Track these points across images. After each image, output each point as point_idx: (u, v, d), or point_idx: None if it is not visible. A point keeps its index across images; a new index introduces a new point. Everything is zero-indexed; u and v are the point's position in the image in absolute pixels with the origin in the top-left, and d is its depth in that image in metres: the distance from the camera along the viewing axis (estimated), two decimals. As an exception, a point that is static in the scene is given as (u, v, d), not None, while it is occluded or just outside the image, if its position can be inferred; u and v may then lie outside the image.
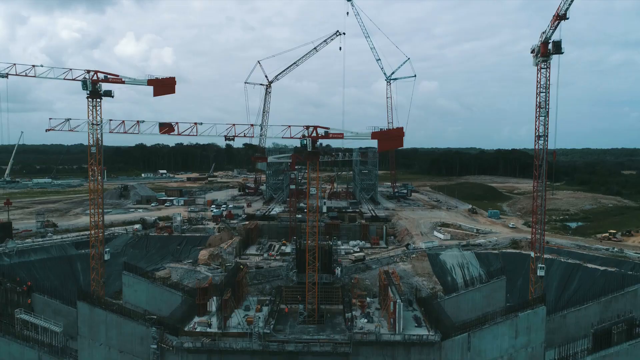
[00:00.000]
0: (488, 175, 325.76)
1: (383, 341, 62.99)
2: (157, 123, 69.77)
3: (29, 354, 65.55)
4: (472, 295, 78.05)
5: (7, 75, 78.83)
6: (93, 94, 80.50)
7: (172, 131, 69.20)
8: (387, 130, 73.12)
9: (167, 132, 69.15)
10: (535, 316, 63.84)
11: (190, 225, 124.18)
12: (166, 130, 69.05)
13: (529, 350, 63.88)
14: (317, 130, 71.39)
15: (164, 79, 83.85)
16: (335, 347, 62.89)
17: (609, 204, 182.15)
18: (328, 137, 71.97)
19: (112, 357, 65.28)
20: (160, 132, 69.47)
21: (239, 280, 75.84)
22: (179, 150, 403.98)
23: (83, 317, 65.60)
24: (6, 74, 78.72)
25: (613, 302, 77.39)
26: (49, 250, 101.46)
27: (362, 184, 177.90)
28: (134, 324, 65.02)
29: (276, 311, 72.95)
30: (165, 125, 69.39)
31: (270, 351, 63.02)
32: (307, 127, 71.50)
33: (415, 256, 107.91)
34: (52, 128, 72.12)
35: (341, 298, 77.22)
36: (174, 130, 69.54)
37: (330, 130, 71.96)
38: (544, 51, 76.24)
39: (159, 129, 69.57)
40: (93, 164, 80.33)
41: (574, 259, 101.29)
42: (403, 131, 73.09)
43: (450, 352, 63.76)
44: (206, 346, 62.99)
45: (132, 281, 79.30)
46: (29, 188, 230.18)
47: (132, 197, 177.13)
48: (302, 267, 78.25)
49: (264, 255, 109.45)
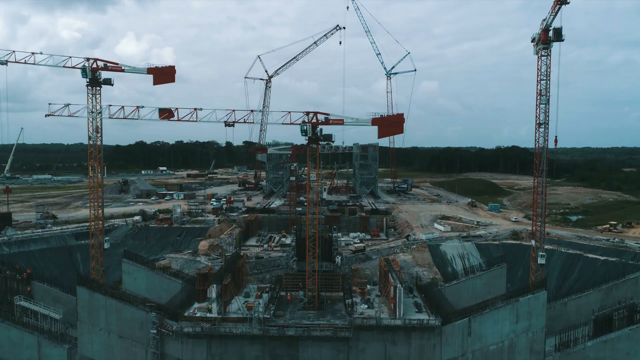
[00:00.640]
0: (488, 172, 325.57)
1: (383, 325, 62.83)
2: (157, 108, 69.58)
3: (29, 339, 65.26)
4: (472, 282, 77.89)
5: (6, 62, 78.64)
6: (92, 81, 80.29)
7: (171, 117, 69.00)
8: (387, 117, 73.02)
9: (166, 118, 68.95)
10: (536, 301, 63.63)
11: (190, 218, 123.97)
12: (166, 115, 68.88)
13: (529, 335, 63.68)
14: (317, 116, 71.22)
15: (164, 67, 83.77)
16: (336, 331, 62.73)
17: (609, 198, 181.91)
18: (328, 123, 71.65)
19: (111, 342, 65.17)
20: (160, 118, 69.26)
21: (239, 267, 75.67)
22: (179, 147, 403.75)
23: (82, 302, 65.47)
24: (5, 61, 78.53)
25: (614, 290, 77.23)
26: (49, 240, 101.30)
27: (362, 178, 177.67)
28: (134, 309, 64.90)
29: (276, 297, 72.77)
30: (165, 111, 69.24)
31: (270, 336, 62.92)
32: (307, 113, 71.36)
33: (416, 247, 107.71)
34: (51, 113, 71.97)
35: (341, 285, 77.03)
36: (173, 115, 69.35)
37: (331, 116, 71.79)
38: (545, 38, 75.96)
39: (159, 114, 69.41)
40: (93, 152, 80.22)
41: (575, 250, 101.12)
42: (403, 117, 72.96)
43: (451, 337, 63.62)
44: (206, 331, 62.84)
45: (131, 269, 79.19)
46: (29, 184, 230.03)
47: (132, 191, 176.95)
48: (303, 256, 78.03)
49: (264, 246, 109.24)
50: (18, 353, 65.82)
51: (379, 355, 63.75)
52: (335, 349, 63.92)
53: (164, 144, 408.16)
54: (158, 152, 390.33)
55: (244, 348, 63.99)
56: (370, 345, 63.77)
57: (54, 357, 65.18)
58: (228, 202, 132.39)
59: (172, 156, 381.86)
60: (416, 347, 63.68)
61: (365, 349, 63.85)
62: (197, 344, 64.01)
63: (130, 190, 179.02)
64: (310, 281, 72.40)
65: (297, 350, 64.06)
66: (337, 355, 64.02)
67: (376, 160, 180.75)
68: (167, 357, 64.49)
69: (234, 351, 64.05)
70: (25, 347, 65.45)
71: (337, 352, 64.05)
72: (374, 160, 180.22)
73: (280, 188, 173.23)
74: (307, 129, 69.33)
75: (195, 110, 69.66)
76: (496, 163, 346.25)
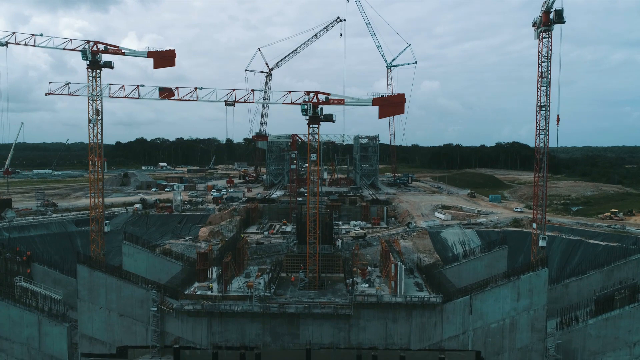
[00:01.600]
0: (489, 168, 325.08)
1: (384, 303, 62.64)
2: (157, 87, 69.46)
3: (29, 317, 65.08)
4: (473, 264, 77.70)
5: (6, 43, 78.71)
6: (93, 64, 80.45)
7: (172, 96, 68.88)
8: (388, 97, 72.82)
9: (167, 97, 68.81)
10: (537, 278, 63.36)
11: (191, 206, 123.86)
12: (166, 95, 68.75)
13: (531, 313, 63.39)
14: (317, 95, 71.15)
15: (164, 51, 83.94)
16: (336, 309, 62.57)
17: (610, 190, 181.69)
18: (329, 102, 71.57)
19: (112, 321, 64.96)
20: (160, 97, 69.10)
21: (240, 248, 75.48)
22: (180, 144, 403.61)
23: (83, 280, 65.27)
24: (6, 43, 78.56)
25: (615, 271, 76.98)
26: (49, 226, 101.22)
27: (362, 170, 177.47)
28: (134, 287, 64.74)
29: (277, 278, 72.59)
30: (165, 90, 69.12)
31: (270, 313, 62.73)
32: (308, 93, 71.27)
33: (416, 234, 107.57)
34: (51, 92, 71.86)
35: (342, 267, 76.90)
36: (174, 95, 69.23)
37: (331, 95, 71.73)
38: (546, 20, 75.90)
39: (159, 94, 69.26)
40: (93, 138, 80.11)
41: (576, 236, 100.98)
42: (404, 97, 72.82)
43: (452, 315, 63.42)
44: (206, 308, 62.67)
45: (132, 251, 78.93)
46: (29, 178, 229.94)
47: (132, 183, 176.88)
48: (303, 239, 77.92)
49: (265, 233, 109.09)
50: (18, 332, 65.68)
51: (379, 334, 63.57)
52: (336, 327, 63.75)
53: (164, 140, 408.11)
54: (158, 149, 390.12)
55: (244, 326, 63.81)
56: (371, 323, 63.59)
57: (54, 336, 65.00)
58: (229, 182, 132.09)
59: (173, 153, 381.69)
60: (417, 325, 63.51)
61: (366, 327, 63.68)
62: (197, 322, 63.86)
63: (131, 182, 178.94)
64: (311, 262, 72.24)
65: (297, 329, 63.90)
66: (337, 334, 63.84)
67: (376, 152, 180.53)
68: (168, 335, 64.32)
69: (235, 329, 63.88)
70: (25, 325, 65.30)
71: (338, 330, 63.86)
72: (374, 152, 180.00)
73: (281, 180, 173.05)
74: (308, 108, 69.24)
75: (196, 89, 69.55)
76: (497, 159, 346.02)
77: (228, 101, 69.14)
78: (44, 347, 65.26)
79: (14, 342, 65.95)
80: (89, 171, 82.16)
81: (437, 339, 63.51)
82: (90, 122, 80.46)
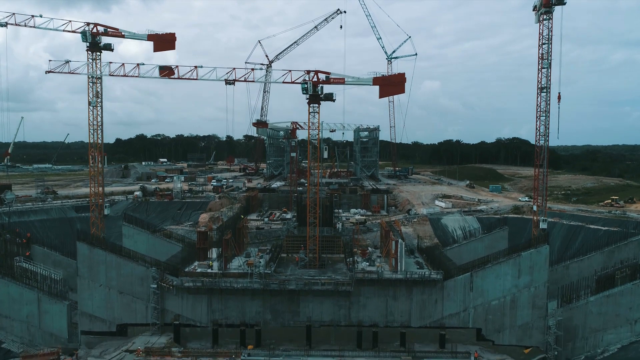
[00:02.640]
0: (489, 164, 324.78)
1: (385, 279, 62.57)
2: (157, 66, 69.30)
3: (28, 295, 65.05)
4: (474, 245, 77.82)
5: (6, 24, 78.53)
6: (93, 46, 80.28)
7: (172, 74, 68.79)
8: (388, 76, 72.83)
9: (167, 76, 68.74)
10: (538, 255, 63.26)
11: (191, 195, 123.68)
12: (166, 73, 68.67)
13: (531, 290, 63.31)
14: (318, 74, 71.03)
15: (164, 34, 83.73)
16: (337, 286, 62.44)
17: (610, 182, 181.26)
18: (329, 82, 71.46)
19: (111, 298, 64.89)
20: (160, 75, 69.08)
21: (240, 228, 75.33)
22: (180, 141, 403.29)
23: (82, 257, 65.17)
24: (5, 23, 78.41)
25: (616, 252, 76.79)
26: (49, 212, 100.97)
27: (362, 162, 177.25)
28: (134, 265, 64.69)
29: (277, 257, 72.46)
30: (165, 69, 69.03)
31: (270, 290, 62.65)
32: (308, 72, 71.17)
33: (417, 220, 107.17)
34: (51, 70, 71.74)
35: (342, 248, 76.77)
36: (174, 73, 69.14)
37: (332, 75, 71.62)
38: (547, 1, 75.72)
39: (159, 72, 69.22)
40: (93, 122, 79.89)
41: (576, 222, 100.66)
42: (405, 77, 72.71)
43: (453, 292, 63.37)
44: (207, 285, 62.57)
45: (132, 232, 79.01)
46: (29, 172, 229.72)
47: (132, 175, 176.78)
48: (303, 222, 77.84)
49: (265, 219, 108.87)
50: (18, 309, 65.66)
51: (380, 311, 63.52)
52: (337, 304, 63.68)
53: (164, 137, 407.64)
54: (158, 145, 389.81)
55: (244, 304, 63.75)
56: (371, 301, 63.51)
57: (54, 313, 65.02)
58: (228, 162, 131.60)
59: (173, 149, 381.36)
60: (417, 302, 63.45)
61: (366, 304, 63.60)
62: (197, 300, 63.80)
63: (131, 174, 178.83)
64: (311, 242, 72.10)
65: (297, 306, 63.84)
66: (338, 311, 63.78)
67: (377, 144, 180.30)
68: (168, 312, 64.27)
69: (235, 307, 63.83)
70: (25, 303, 65.28)
71: (338, 308, 63.81)
72: (374, 143, 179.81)
73: (281, 171, 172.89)
74: (308, 87, 69.12)
75: (196, 67, 69.47)
76: (497, 155, 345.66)
77: (228, 80, 69.11)
78: (43, 324, 65.26)
79: (14, 320, 65.94)
80: (89, 165, 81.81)
81: (437, 317, 63.45)
82: (90, 105, 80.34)
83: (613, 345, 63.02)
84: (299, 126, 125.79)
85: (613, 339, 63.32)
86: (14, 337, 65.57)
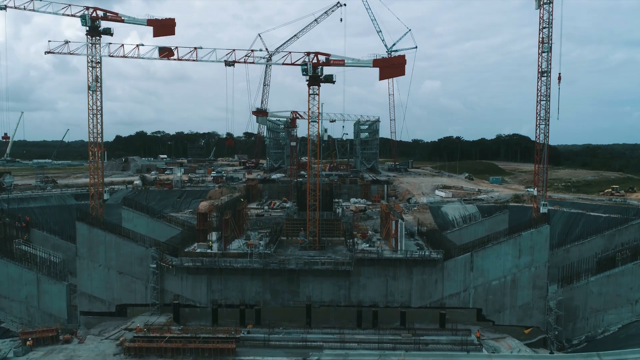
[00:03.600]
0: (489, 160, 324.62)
1: (385, 259, 62.35)
2: (157, 47, 69.14)
3: (27, 275, 64.78)
4: (474, 228, 77.65)
5: (5, 7, 78.38)
6: (92, 30, 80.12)
7: (171, 55, 68.65)
8: (389, 58, 72.76)
9: (166, 57, 68.59)
10: (538, 235, 63.00)
11: (191, 184, 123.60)
12: (166, 54, 68.53)
13: (532, 270, 63.02)
14: (318, 56, 70.83)
15: (164, 19, 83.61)
16: (337, 265, 62.20)
17: (611, 176, 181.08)
18: (329, 63, 71.28)
19: (111, 279, 64.57)
20: (159, 56, 68.92)
21: (240, 211, 75.16)
22: (180, 138, 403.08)
23: (82, 237, 64.89)
24: (5, 6, 78.25)
25: (617, 235, 76.72)
26: (49, 199, 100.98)
27: (362, 154, 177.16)
28: (133, 245, 64.42)
29: (277, 239, 72.27)
30: (165, 50, 68.90)
31: (270, 269, 62.40)
32: (308, 54, 70.98)
33: (417, 209, 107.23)
34: (51, 50, 71.59)
35: (342, 231, 76.57)
36: (173, 54, 69.01)
37: (332, 56, 71.44)
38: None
39: (159, 53, 69.04)
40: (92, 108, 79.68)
41: (577, 209, 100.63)
42: (405, 59, 72.57)
43: (453, 272, 63.09)
44: (206, 264, 62.33)
45: (131, 215, 78.83)
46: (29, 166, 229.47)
47: (132, 167, 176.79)
48: (303, 206, 77.66)
49: (265, 208, 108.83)
50: (17, 290, 65.44)
51: (380, 291, 63.23)
52: (336, 284, 63.41)
53: (164, 134, 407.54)
54: (158, 142, 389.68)
55: (244, 284, 63.49)
56: (371, 281, 63.27)
57: (53, 294, 64.78)
58: (228, 143, 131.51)
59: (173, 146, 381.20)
60: (418, 282, 63.18)
61: (366, 285, 63.34)
62: (197, 280, 63.55)
63: (131, 167, 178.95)
64: (311, 225, 71.86)
65: (297, 286, 63.58)
66: (338, 291, 63.52)
67: (377, 135, 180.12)
68: (167, 293, 63.98)
69: (234, 287, 63.54)
70: (24, 283, 65.03)
71: (338, 288, 63.54)
72: (374, 135, 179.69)
73: (281, 164, 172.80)
74: (308, 68, 68.91)
75: (196, 49, 69.32)
76: (497, 152, 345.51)
77: (228, 61, 68.92)
78: (43, 305, 65.01)
79: (13, 300, 65.74)
80: (89, 160, 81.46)
81: (437, 297, 63.19)
82: (90, 89, 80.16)
83: (614, 326, 62.84)
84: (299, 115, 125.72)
85: (614, 319, 63.13)
86: (13, 317, 65.36)
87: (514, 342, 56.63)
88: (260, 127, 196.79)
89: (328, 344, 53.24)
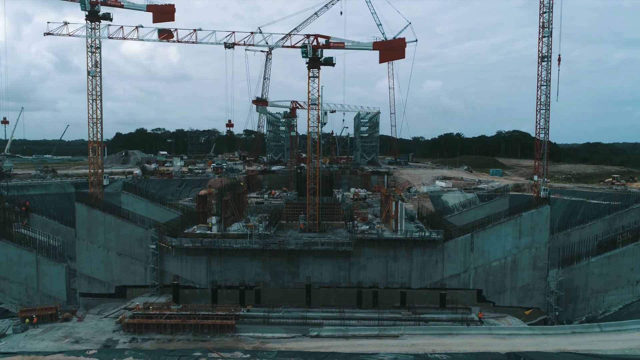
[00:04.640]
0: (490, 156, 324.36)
1: (385, 239, 62.21)
2: (157, 29, 68.99)
3: (27, 256, 64.59)
4: (474, 212, 77.51)
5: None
6: (91, 15, 79.98)
7: (171, 37, 68.53)
8: (388, 40, 72.47)
9: (166, 38, 68.49)
10: (539, 215, 62.85)
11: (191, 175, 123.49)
12: (165, 36, 68.42)
13: (532, 251, 62.89)
14: (317, 39, 70.73)
15: (163, 5, 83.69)
16: (337, 246, 62.07)
17: (611, 169, 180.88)
18: (329, 46, 71.18)
19: (110, 260, 64.52)
20: (159, 38, 68.82)
21: (240, 194, 75.02)
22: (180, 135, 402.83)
23: (81, 218, 64.81)
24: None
25: (618, 219, 76.46)
26: (48, 187, 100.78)
27: (362, 147, 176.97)
28: (133, 226, 64.36)
29: (276, 222, 72.12)
30: (164, 32, 68.78)
31: (270, 250, 62.27)
32: (308, 36, 70.90)
33: (417, 197, 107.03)
34: (50, 32, 71.43)
35: (342, 215, 76.45)
36: (173, 36, 68.88)
37: (331, 39, 71.32)
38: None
39: (158, 35, 68.95)
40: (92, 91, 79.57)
41: (577, 197, 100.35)
42: (405, 42, 72.45)
43: (453, 253, 62.95)
44: (206, 245, 62.23)
45: (130, 200, 78.76)
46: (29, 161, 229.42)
47: (132, 160, 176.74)
48: (303, 192, 77.57)
49: (265, 196, 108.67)
50: (16, 271, 65.24)
51: (380, 272, 63.11)
52: (337, 265, 63.31)
53: (165, 131, 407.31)
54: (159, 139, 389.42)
55: (244, 265, 63.39)
56: (371, 262, 63.15)
57: (52, 275, 64.57)
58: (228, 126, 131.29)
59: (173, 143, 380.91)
60: (418, 263, 63.05)
61: (366, 266, 63.23)
62: (196, 261, 63.46)
63: (131, 160, 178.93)
64: (311, 208, 71.71)
65: (297, 267, 63.48)
66: (338, 272, 63.41)
67: (377, 127, 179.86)
68: (167, 274, 63.91)
69: (234, 268, 63.45)
70: (24, 265, 64.85)
71: (338, 269, 63.43)
72: (374, 128, 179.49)
73: (281, 157, 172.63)
74: (308, 50, 68.78)
75: (195, 31, 69.21)
76: (497, 148, 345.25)
77: (227, 43, 68.84)
78: (42, 286, 64.81)
79: (12, 282, 65.56)
80: (89, 157, 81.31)
81: (438, 278, 63.06)
82: (89, 74, 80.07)
83: (614, 306, 62.57)
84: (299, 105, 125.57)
85: (614, 300, 62.91)
86: (12, 299, 65.17)
87: (514, 320, 56.50)
88: (260, 120, 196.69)
89: (328, 322, 53.09)
